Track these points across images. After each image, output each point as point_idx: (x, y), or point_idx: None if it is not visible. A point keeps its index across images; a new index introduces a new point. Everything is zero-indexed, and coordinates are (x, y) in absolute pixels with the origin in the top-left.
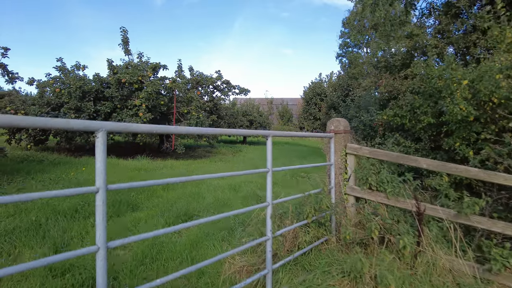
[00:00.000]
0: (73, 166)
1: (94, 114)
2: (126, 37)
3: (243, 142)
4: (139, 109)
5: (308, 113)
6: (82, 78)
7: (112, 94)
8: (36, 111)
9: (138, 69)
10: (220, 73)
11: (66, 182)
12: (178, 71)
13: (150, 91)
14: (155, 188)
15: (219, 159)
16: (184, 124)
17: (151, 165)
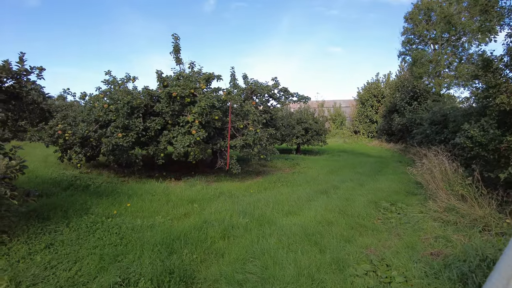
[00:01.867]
0: (118, 197)
1: (144, 132)
2: (177, 45)
3: (297, 151)
4: (192, 126)
5: (363, 115)
6: (131, 92)
7: (163, 109)
8: (84, 129)
9: (190, 80)
10: (277, 80)
11: (105, 231)
12: (232, 80)
13: (204, 106)
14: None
15: (277, 178)
16: (240, 140)
17: (206, 193)
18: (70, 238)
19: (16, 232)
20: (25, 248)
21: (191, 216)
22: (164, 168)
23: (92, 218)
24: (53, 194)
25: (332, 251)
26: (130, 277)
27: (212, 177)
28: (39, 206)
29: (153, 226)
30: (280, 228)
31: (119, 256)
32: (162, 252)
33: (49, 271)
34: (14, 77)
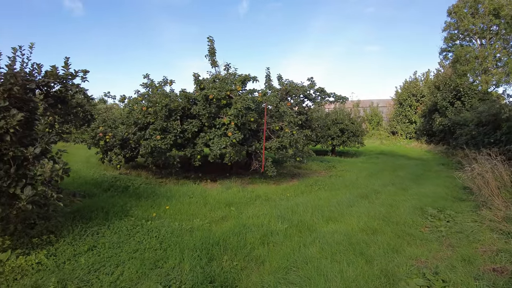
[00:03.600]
0: (157, 199)
1: (181, 134)
2: (213, 47)
3: (332, 152)
4: (228, 128)
5: (402, 115)
6: (169, 95)
7: (200, 112)
8: (124, 132)
9: (226, 82)
10: (313, 80)
11: (145, 235)
12: (267, 81)
13: (240, 107)
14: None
15: (314, 182)
16: (275, 142)
17: (242, 196)
18: (111, 240)
19: (62, 232)
20: (70, 250)
21: (229, 220)
22: (199, 170)
23: (132, 221)
24: (95, 195)
25: (379, 262)
26: (171, 284)
27: (247, 179)
28: (82, 207)
29: (192, 230)
30: (321, 236)
31: (159, 261)
32: (202, 258)
33: (93, 275)
34: (60, 81)
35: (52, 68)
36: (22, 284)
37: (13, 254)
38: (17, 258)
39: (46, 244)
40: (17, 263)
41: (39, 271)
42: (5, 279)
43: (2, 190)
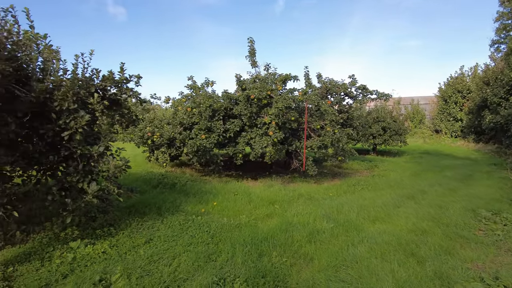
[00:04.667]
0: (204, 195)
1: (224, 133)
2: (253, 48)
3: (373, 151)
4: (269, 127)
5: (446, 113)
6: (212, 96)
7: (241, 112)
8: (170, 131)
9: (266, 82)
10: (355, 77)
11: (197, 229)
12: (306, 79)
13: (281, 107)
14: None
15: (356, 181)
16: (316, 141)
17: (284, 194)
18: (166, 234)
19: (121, 225)
20: (130, 242)
21: (274, 218)
22: (239, 168)
23: (183, 216)
24: (145, 191)
25: (432, 263)
26: (226, 277)
27: (287, 178)
28: (136, 202)
29: (239, 226)
30: (369, 236)
31: (213, 254)
32: (253, 253)
33: (153, 265)
34: (116, 85)
35: (109, 73)
36: (93, 270)
37: (82, 243)
38: (86, 247)
39: (107, 235)
40: (86, 251)
41: (105, 259)
42: (78, 265)
43: (72, 185)
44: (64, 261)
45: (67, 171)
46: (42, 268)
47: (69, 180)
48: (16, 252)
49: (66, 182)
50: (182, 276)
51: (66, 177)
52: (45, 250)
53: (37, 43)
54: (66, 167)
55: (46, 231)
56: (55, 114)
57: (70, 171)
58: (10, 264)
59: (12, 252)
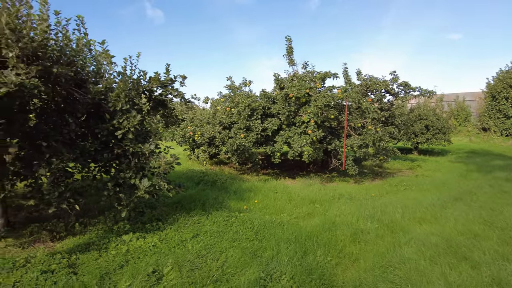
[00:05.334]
0: (244, 193)
1: (262, 132)
2: (290, 47)
3: (416, 150)
4: (308, 126)
5: (495, 110)
6: (250, 95)
7: (279, 111)
8: (210, 131)
9: (304, 80)
10: (396, 74)
11: (240, 226)
12: (345, 76)
13: (320, 105)
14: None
15: (399, 181)
16: (357, 140)
17: (324, 194)
18: (211, 229)
19: (168, 220)
20: (178, 236)
21: (315, 217)
22: (277, 166)
23: (226, 212)
24: (188, 188)
25: (488, 269)
26: (272, 273)
27: (325, 177)
28: (181, 198)
29: (282, 224)
30: (416, 237)
31: (258, 251)
32: (297, 251)
33: (201, 259)
34: (162, 86)
35: (155, 74)
36: (146, 262)
37: (134, 236)
38: (137, 240)
39: (156, 229)
40: (138, 244)
41: (155, 252)
42: (131, 256)
43: (125, 181)
44: (119, 252)
45: (120, 168)
46: (100, 258)
47: (122, 176)
48: (76, 242)
49: (120, 178)
50: (229, 271)
51: (119, 173)
52: (101, 242)
53: (90, 48)
54: (119, 164)
55: (100, 224)
56: (108, 114)
57: (123, 168)
58: (73, 252)
59: (73, 242)
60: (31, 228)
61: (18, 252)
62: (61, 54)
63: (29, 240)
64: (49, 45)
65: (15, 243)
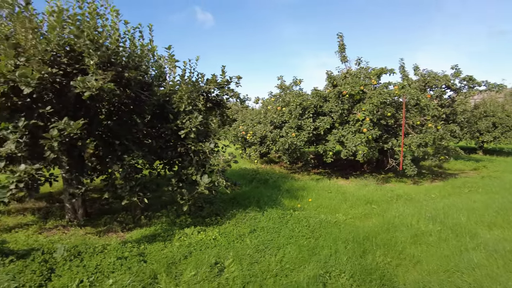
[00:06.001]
0: (297, 192)
1: (314, 131)
2: (342, 43)
3: (481, 149)
4: (363, 124)
5: None
6: (301, 94)
7: (332, 109)
8: (262, 130)
9: (358, 77)
10: (458, 68)
11: (296, 223)
12: (401, 72)
13: (376, 102)
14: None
15: (462, 183)
16: (416, 138)
17: (381, 194)
18: (267, 226)
19: (226, 215)
20: (236, 231)
21: (372, 217)
22: (328, 166)
23: (281, 210)
24: (242, 185)
25: None
26: (331, 271)
27: (380, 177)
28: (237, 194)
29: (337, 223)
30: (485, 242)
31: (315, 248)
32: (355, 251)
33: (260, 254)
34: (219, 87)
35: (212, 76)
36: (208, 254)
37: (195, 229)
38: (198, 233)
39: (215, 224)
40: (199, 237)
41: (216, 245)
42: (194, 248)
43: (187, 177)
44: (182, 244)
45: (182, 165)
46: (165, 248)
47: (184, 173)
48: (143, 233)
49: (182, 174)
50: (288, 266)
51: (182, 170)
52: (165, 233)
53: (153, 54)
54: (182, 162)
55: (163, 217)
56: (172, 115)
57: (185, 165)
58: (141, 242)
59: (140, 233)
60: (105, 219)
61: (96, 239)
62: (129, 60)
63: (104, 230)
64: (120, 52)
65: (92, 232)
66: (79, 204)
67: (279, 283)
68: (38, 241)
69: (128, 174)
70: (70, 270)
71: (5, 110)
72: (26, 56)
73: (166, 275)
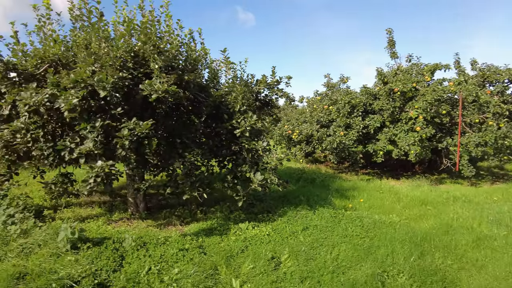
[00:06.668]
0: (346, 191)
1: (363, 130)
2: (392, 39)
3: None
4: (416, 122)
5: None
6: (349, 92)
7: (383, 107)
8: (308, 129)
9: (409, 73)
10: None
11: (349, 223)
12: (457, 67)
13: (430, 99)
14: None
15: None
16: (474, 137)
17: (436, 195)
18: (320, 224)
19: (277, 212)
20: (289, 228)
21: (429, 219)
22: (377, 166)
23: (332, 209)
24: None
25: None
26: (388, 271)
27: (434, 178)
28: (286, 193)
29: (392, 224)
30: None
31: (371, 248)
32: (413, 252)
33: (315, 251)
34: (269, 87)
35: (262, 76)
36: (263, 249)
37: (249, 225)
38: (253, 228)
39: (267, 220)
40: (254, 232)
41: (270, 241)
42: (249, 243)
43: (242, 174)
44: (238, 238)
45: (236, 163)
46: (222, 242)
47: (239, 170)
48: (200, 227)
49: (237, 172)
50: (344, 264)
51: (236, 168)
52: (221, 228)
53: (204, 57)
54: (236, 160)
55: (217, 213)
56: (227, 115)
57: (239, 162)
58: (199, 235)
59: (197, 227)
60: (164, 213)
61: (157, 231)
62: (186, 63)
63: (164, 223)
64: (178, 56)
65: (153, 224)
66: (140, 199)
67: (336, 280)
68: (107, 231)
69: (188, 171)
70: (138, 258)
71: (83, 112)
72: (101, 62)
73: (226, 267)
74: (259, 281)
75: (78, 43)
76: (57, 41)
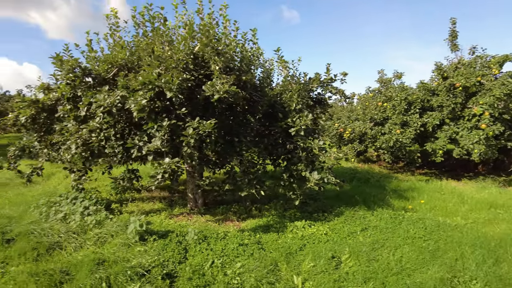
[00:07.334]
0: (404, 192)
1: (420, 128)
2: (454, 30)
3: None
4: (481, 119)
5: None
6: (405, 88)
7: (443, 103)
8: (361, 127)
9: (473, 67)
10: None
11: (410, 224)
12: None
13: (498, 94)
14: None
15: None
16: None
17: (506, 198)
18: (379, 225)
19: (333, 212)
20: (347, 228)
21: (500, 223)
22: (434, 166)
23: (391, 210)
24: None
25: None
26: (459, 276)
27: (501, 180)
28: (340, 192)
29: (458, 227)
30: None
31: (436, 251)
32: (486, 258)
33: (376, 252)
34: (322, 85)
35: (316, 74)
36: (322, 248)
37: (306, 223)
38: (310, 227)
39: (323, 220)
40: (311, 231)
41: (328, 240)
42: (307, 241)
43: (298, 173)
44: (295, 236)
45: (291, 162)
46: (279, 239)
47: (295, 168)
48: (256, 223)
49: (293, 170)
50: (409, 266)
51: (291, 166)
52: (277, 225)
53: (257, 57)
54: (291, 158)
55: (272, 210)
56: (281, 114)
57: (294, 161)
58: (256, 231)
59: (253, 223)
60: (221, 208)
61: (216, 226)
62: (241, 64)
63: (221, 218)
64: (234, 57)
65: (212, 219)
66: (199, 195)
67: (402, 282)
68: (170, 225)
69: (246, 168)
70: (201, 252)
71: (151, 112)
72: (165, 65)
73: (286, 263)
74: (320, 279)
75: (142, 47)
76: (124, 46)
